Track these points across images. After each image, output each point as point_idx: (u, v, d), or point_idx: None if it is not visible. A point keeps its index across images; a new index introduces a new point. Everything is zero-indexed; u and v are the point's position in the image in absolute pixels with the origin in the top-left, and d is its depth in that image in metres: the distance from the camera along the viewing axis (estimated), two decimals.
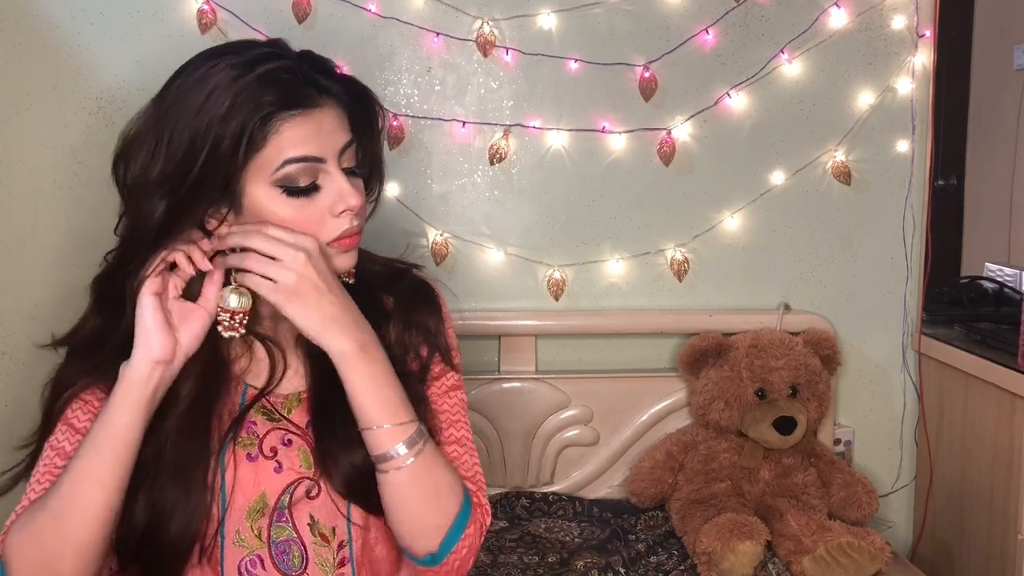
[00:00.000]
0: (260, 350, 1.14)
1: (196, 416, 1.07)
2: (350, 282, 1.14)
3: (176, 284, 1.05)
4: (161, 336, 1.02)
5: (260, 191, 1.04)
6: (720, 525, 1.65)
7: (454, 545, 1.09)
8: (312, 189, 1.05)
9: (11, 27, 1.75)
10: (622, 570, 1.67)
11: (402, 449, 1.05)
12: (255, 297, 1.07)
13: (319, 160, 1.04)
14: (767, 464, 1.84)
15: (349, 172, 1.08)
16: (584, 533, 1.82)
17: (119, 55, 1.78)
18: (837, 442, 2.04)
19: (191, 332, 1.04)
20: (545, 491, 1.94)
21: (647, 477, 1.88)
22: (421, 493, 1.06)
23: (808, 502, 1.80)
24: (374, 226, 1.22)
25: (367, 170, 1.15)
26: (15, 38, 1.75)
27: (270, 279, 1.03)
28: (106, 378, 1.06)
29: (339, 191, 1.05)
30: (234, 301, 1.06)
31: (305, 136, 1.03)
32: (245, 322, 1.08)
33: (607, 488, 1.98)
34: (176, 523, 1.04)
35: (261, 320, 1.14)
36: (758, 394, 1.84)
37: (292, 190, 1.04)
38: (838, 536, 1.65)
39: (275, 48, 1.08)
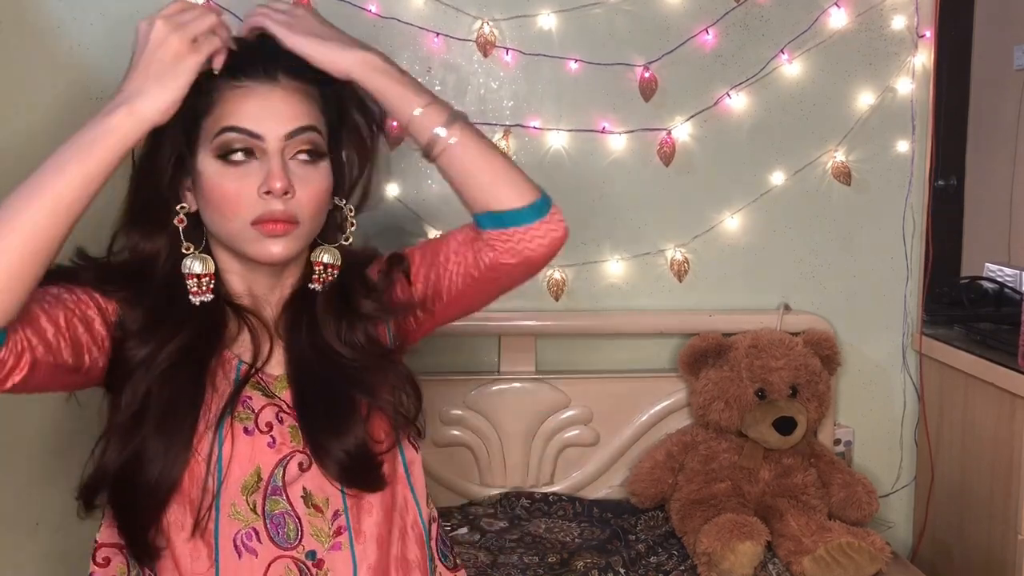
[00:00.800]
0: (254, 329, 1.15)
1: (184, 369, 1.08)
2: (318, 288, 1.15)
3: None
4: (182, 92, 1.00)
5: (204, 159, 1.07)
6: (720, 525, 1.65)
7: (551, 203, 1.13)
8: (244, 163, 1.06)
9: (11, 27, 1.75)
10: (622, 570, 1.67)
11: (442, 131, 1.08)
12: (219, 275, 1.12)
13: (255, 136, 1.05)
14: (767, 464, 1.84)
15: (306, 161, 1.08)
16: (584, 533, 1.82)
17: (119, 55, 1.77)
18: (837, 442, 2.04)
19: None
20: (545, 491, 1.94)
21: (647, 477, 1.88)
22: (487, 156, 1.10)
23: (808, 502, 1.80)
24: (375, 226, 1.22)
25: (350, 168, 1.16)
26: (15, 38, 1.75)
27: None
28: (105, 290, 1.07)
29: (267, 171, 1.05)
30: (198, 266, 1.10)
31: (247, 110, 1.05)
32: (212, 285, 1.11)
33: (607, 488, 1.98)
34: (152, 472, 1.04)
35: (240, 296, 1.15)
36: (758, 394, 1.84)
37: (226, 161, 1.06)
38: (838, 536, 1.65)
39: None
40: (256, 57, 1.07)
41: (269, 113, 1.05)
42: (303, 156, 1.08)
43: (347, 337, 1.15)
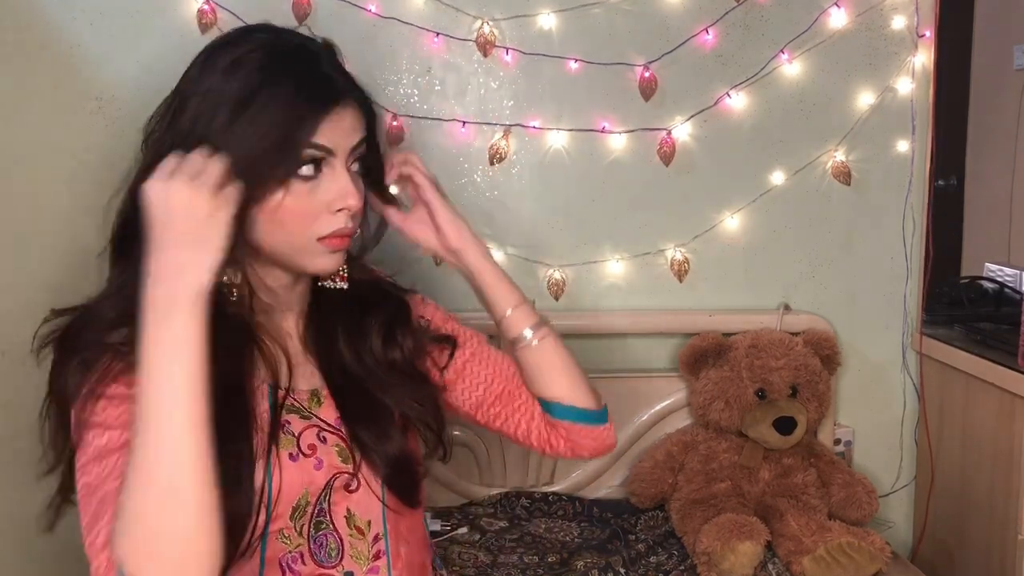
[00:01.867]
0: (268, 350, 1.12)
1: (225, 395, 1.01)
2: (344, 287, 1.15)
3: None
4: (223, 251, 0.93)
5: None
6: (720, 525, 1.65)
7: (607, 415, 1.26)
8: (313, 179, 1.03)
9: (11, 27, 1.75)
10: (622, 570, 1.67)
11: (529, 333, 1.21)
12: (251, 292, 1.09)
13: (330, 152, 1.03)
14: (767, 464, 1.84)
15: (357, 171, 1.08)
16: (584, 533, 1.82)
17: (119, 55, 1.78)
18: (837, 442, 2.04)
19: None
20: (545, 491, 1.94)
21: (647, 477, 1.88)
22: (567, 359, 1.23)
23: (808, 502, 1.80)
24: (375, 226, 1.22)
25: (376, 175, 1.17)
26: (15, 37, 1.75)
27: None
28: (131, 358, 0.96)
29: (340, 188, 1.03)
30: (224, 276, 1.05)
31: (320, 126, 1.02)
32: (237, 297, 1.07)
33: (607, 488, 1.98)
34: (233, 502, 0.98)
35: (257, 312, 1.12)
36: (758, 394, 1.84)
37: (295, 175, 1.01)
38: (838, 536, 1.65)
39: (302, 53, 1.07)
40: (328, 81, 1.04)
41: (339, 128, 1.03)
42: (356, 167, 1.07)
43: (385, 355, 1.17)
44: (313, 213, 1.03)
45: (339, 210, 1.04)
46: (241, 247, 1.05)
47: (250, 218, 1.03)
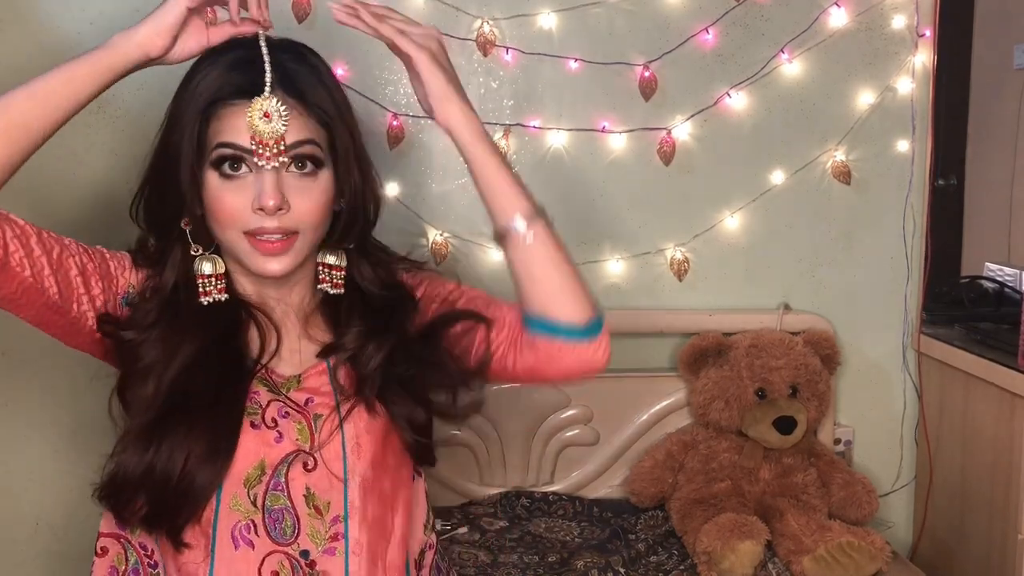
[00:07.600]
0: (260, 331, 1.16)
1: (206, 371, 1.10)
2: (336, 292, 1.17)
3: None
4: (170, 32, 1.11)
5: (207, 172, 1.08)
6: (720, 525, 1.65)
7: (604, 322, 1.14)
8: (239, 177, 1.07)
9: (11, 27, 1.75)
10: (622, 570, 1.67)
11: (522, 225, 1.11)
12: (232, 277, 1.15)
13: (247, 151, 1.06)
14: (767, 464, 1.84)
15: (303, 173, 1.08)
16: (584, 533, 1.82)
17: None
18: (837, 442, 2.04)
19: (187, 46, 1.12)
20: (545, 491, 1.94)
21: (647, 477, 1.88)
22: (560, 263, 1.12)
23: (808, 502, 1.80)
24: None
25: (348, 178, 1.15)
26: (15, 38, 1.75)
27: (413, 42, 1.11)
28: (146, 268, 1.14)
29: (259, 188, 1.06)
30: (207, 267, 1.13)
31: (240, 125, 1.06)
32: (223, 286, 1.13)
33: (607, 488, 1.98)
34: (201, 475, 1.06)
35: (250, 296, 1.17)
36: (758, 394, 1.84)
37: (222, 174, 1.07)
38: (838, 536, 1.65)
39: (247, 41, 1.13)
40: (246, 77, 1.07)
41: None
42: (300, 168, 1.08)
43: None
44: (241, 210, 1.07)
45: (259, 209, 1.06)
46: (210, 234, 1.12)
47: (203, 208, 1.10)
